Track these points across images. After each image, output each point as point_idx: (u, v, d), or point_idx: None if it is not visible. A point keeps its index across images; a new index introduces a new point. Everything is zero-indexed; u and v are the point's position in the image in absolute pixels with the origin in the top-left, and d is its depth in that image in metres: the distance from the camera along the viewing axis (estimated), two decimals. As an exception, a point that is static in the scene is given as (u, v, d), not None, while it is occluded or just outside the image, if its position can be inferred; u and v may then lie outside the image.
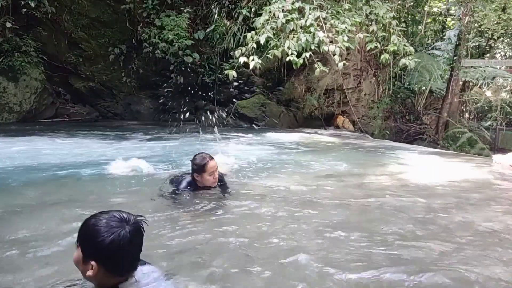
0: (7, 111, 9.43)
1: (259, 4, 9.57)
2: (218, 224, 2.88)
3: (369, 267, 2.27)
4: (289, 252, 2.44)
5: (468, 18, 11.84)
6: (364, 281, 2.12)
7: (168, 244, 2.50)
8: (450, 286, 2.12)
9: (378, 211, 3.42)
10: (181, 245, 2.49)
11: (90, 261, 1.45)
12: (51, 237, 2.51)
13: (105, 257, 1.46)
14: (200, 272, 2.15)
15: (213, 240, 2.59)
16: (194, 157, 3.30)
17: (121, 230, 1.46)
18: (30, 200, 3.37)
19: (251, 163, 5.16)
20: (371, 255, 2.42)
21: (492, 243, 2.78)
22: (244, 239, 2.61)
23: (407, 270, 2.24)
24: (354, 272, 2.19)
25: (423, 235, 2.85)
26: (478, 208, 3.65)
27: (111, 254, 1.46)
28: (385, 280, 2.13)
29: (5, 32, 9.37)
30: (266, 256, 2.37)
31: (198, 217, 3.03)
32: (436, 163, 6.45)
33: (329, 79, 11.76)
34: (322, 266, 2.26)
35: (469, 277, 2.21)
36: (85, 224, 1.50)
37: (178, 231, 2.70)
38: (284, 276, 2.16)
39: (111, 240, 1.44)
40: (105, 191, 3.71)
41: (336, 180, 4.58)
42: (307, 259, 2.34)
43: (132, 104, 11.82)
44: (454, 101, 12.90)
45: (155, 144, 6.85)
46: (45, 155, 5.32)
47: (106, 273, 1.47)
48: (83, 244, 1.48)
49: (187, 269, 2.19)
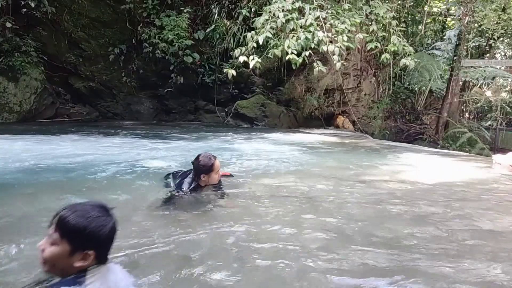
0: (7, 111, 9.43)
1: (259, 4, 9.58)
2: (217, 224, 2.87)
3: (369, 269, 2.27)
4: (288, 253, 2.44)
5: (468, 18, 11.85)
6: (364, 283, 2.11)
7: (167, 244, 2.49)
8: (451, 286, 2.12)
9: (378, 211, 3.42)
10: (181, 246, 2.49)
11: (83, 252, 1.48)
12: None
13: (102, 246, 1.53)
14: (199, 273, 2.15)
15: (212, 240, 2.59)
16: (198, 158, 3.29)
17: (111, 217, 1.56)
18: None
19: (250, 163, 5.17)
20: (371, 257, 2.41)
21: (492, 243, 2.78)
22: (243, 239, 2.61)
23: (407, 271, 2.24)
24: (354, 275, 2.18)
25: (423, 235, 2.84)
26: (478, 208, 3.65)
27: (107, 242, 1.54)
28: (386, 282, 2.13)
29: (5, 32, 9.36)
30: (265, 256, 2.37)
31: (197, 217, 3.04)
32: (436, 163, 6.45)
33: (329, 79, 11.77)
34: (321, 266, 2.26)
35: (469, 277, 2.20)
36: (71, 217, 1.49)
37: (177, 232, 2.70)
38: (283, 277, 2.16)
39: (110, 227, 1.54)
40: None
41: (336, 180, 4.57)
42: (307, 259, 2.34)
43: (132, 104, 11.82)
44: (454, 101, 12.90)
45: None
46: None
47: (95, 261, 1.52)
48: (72, 237, 1.48)
49: (187, 269, 2.19)
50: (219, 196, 3.45)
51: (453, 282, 2.15)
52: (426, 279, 2.16)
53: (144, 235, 2.60)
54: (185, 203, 3.27)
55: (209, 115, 11.81)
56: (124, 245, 2.35)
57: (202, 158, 3.25)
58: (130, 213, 2.99)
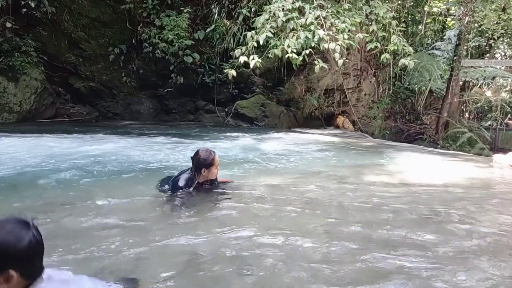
0: (7, 111, 9.43)
1: (259, 4, 9.57)
2: (216, 224, 2.87)
3: (369, 271, 2.27)
4: (288, 253, 2.43)
5: (468, 18, 11.83)
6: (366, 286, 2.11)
7: (166, 244, 2.49)
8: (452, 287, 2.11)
9: (378, 212, 3.41)
10: (180, 246, 2.49)
11: (4, 273, 1.36)
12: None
13: (23, 262, 1.40)
14: (198, 274, 2.15)
15: (211, 241, 2.58)
16: (197, 153, 3.34)
17: (29, 231, 1.42)
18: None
19: (250, 162, 5.16)
20: (371, 259, 2.40)
21: (493, 243, 2.78)
22: (242, 240, 2.61)
23: (405, 272, 2.24)
24: (353, 277, 2.18)
25: (423, 236, 2.84)
26: (478, 208, 3.65)
27: (29, 257, 1.42)
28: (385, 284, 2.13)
29: (5, 32, 9.36)
30: (264, 257, 2.37)
31: (196, 216, 3.03)
32: (436, 163, 6.45)
33: (329, 79, 11.76)
34: (320, 267, 2.25)
35: (469, 278, 2.20)
36: None
37: (176, 232, 2.69)
38: (281, 279, 2.15)
39: (29, 241, 1.39)
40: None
41: (336, 180, 4.57)
42: (306, 260, 2.34)
43: (132, 104, 11.82)
44: (454, 101, 12.88)
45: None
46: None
47: (21, 280, 1.40)
48: None
49: (186, 269, 2.19)
50: (217, 197, 3.45)
51: (453, 283, 2.14)
52: (426, 279, 2.15)
53: (144, 237, 2.60)
54: (186, 205, 3.27)
55: (209, 115, 11.81)
56: (125, 246, 2.35)
57: (202, 153, 3.32)
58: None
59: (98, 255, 2.29)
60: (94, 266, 2.14)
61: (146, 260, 2.26)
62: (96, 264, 2.17)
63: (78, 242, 2.46)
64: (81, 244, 2.42)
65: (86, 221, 2.81)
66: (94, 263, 2.18)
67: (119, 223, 2.81)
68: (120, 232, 2.64)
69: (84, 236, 2.58)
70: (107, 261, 2.21)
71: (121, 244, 2.42)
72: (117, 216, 2.94)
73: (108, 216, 2.95)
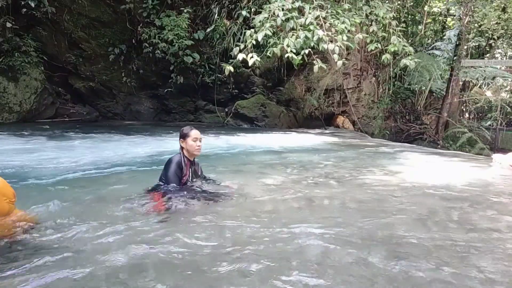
0: (7, 111, 9.43)
1: (259, 4, 9.58)
2: (216, 224, 2.87)
3: (369, 271, 2.27)
4: (288, 253, 2.43)
5: (468, 18, 11.85)
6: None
7: (165, 245, 2.49)
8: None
9: (378, 212, 3.41)
10: (180, 246, 2.49)
11: None
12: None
13: None
14: (198, 274, 2.15)
15: (211, 240, 2.58)
16: (181, 128, 3.72)
17: None
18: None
19: (250, 163, 5.16)
20: (371, 259, 2.40)
21: (493, 243, 2.77)
22: (242, 240, 2.61)
23: (405, 272, 2.23)
24: (354, 277, 2.17)
25: (423, 236, 2.84)
26: (478, 208, 3.65)
27: None
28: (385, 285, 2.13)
29: (5, 32, 9.36)
30: (264, 257, 2.37)
31: (196, 216, 3.03)
32: (436, 163, 6.45)
33: (329, 79, 11.77)
34: (321, 267, 2.25)
35: (469, 278, 2.20)
36: None
37: (176, 231, 2.69)
38: (282, 278, 2.15)
39: None
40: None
41: (336, 180, 4.57)
42: (307, 260, 2.34)
43: (132, 104, 11.83)
44: (454, 101, 12.90)
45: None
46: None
47: None
48: None
49: (185, 270, 2.19)
50: (217, 197, 3.45)
51: (453, 283, 2.14)
52: (426, 279, 2.15)
53: (142, 237, 2.59)
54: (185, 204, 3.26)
55: (209, 115, 11.82)
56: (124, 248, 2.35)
57: (184, 128, 3.73)
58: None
59: (96, 254, 2.28)
60: (91, 265, 2.13)
61: (146, 260, 2.25)
62: (94, 264, 2.16)
63: (75, 242, 2.45)
64: (78, 244, 2.42)
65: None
66: (94, 263, 2.18)
67: (117, 221, 2.81)
68: (118, 231, 2.64)
69: (84, 235, 2.57)
70: (107, 261, 2.21)
71: (119, 244, 2.42)
72: (114, 214, 2.95)
73: (105, 214, 2.96)
